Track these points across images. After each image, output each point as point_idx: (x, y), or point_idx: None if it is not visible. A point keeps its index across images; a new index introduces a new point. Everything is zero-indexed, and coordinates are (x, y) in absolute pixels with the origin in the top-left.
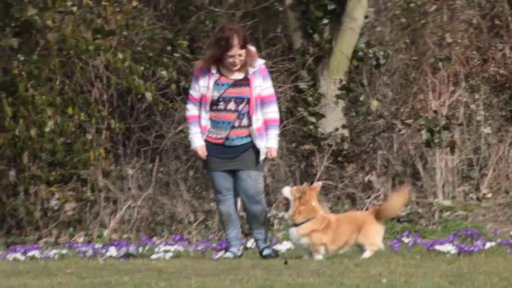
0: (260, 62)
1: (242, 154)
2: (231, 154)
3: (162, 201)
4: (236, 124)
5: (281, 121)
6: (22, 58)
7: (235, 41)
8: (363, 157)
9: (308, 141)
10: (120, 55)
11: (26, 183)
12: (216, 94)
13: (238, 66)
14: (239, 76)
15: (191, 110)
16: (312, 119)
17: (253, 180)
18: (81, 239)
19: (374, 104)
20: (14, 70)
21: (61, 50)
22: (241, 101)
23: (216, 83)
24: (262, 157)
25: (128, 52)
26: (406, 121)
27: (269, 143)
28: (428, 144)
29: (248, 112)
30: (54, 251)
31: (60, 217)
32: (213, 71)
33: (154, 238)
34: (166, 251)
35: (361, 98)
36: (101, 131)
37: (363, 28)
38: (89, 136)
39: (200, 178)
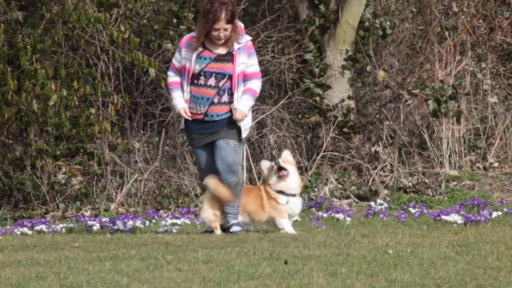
0: (246, 39)
1: (222, 128)
2: (211, 129)
3: (168, 174)
4: (216, 100)
5: (289, 93)
6: (27, 31)
7: (222, 14)
8: (369, 128)
9: (314, 112)
10: (123, 28)
11: (33, 157)
12: (197, 68)
13: (222, 41)
14: (223, 51)
15: (172, 77)
16: (318, 90)
17: (232, 149)
18: (88, 213)
19: (381, 74)
20: (19, 44)
21: (65, 24)
22: (222, 77)
23: (198, 56)
24: (244, 135)
25: (130, 24)
26: (413, 91)
27: (239, 104)
28: (435, 114)
29: (230, 89)
30: (61, 225)
31: (67, 191)
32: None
33: (161, 211)
34: (173, 224)
35: (368, 69)
36: (107, 104)
37: None
38: (93, 110)
39: None
